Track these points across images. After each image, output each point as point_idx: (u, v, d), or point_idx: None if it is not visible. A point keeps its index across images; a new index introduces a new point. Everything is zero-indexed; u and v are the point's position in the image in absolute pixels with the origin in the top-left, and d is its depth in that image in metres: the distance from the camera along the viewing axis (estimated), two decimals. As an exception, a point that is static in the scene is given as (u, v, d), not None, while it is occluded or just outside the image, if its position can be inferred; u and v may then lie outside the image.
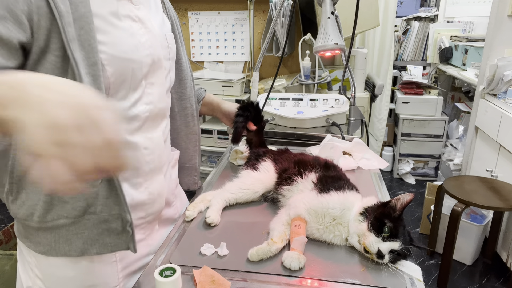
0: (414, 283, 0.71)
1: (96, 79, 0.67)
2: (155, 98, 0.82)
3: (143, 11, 0.79)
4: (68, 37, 0.63)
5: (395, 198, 0.78)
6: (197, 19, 2.72)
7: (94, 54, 0.67)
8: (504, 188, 2.05)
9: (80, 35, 0.65)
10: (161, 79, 0.84)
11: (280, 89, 2.11)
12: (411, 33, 3.66)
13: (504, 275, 2.21)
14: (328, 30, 1.21)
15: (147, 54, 0.78)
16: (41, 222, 0.73)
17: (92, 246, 0.75)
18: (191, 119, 1.01)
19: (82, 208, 0.73)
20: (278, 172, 1.00)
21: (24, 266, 0.82)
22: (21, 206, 0.73)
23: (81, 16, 0.65)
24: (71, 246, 0.74)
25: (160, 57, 0.82)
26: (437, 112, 3.27)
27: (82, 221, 0.74)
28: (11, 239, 1.96)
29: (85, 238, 0.74)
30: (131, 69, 0.74)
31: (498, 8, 2.37)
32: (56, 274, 0.77)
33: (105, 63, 0.70)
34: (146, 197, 0.84)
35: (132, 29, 0.75)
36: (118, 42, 0.72)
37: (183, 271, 0.72)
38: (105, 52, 0.69)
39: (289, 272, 0.73)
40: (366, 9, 2.02)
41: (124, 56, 0.72)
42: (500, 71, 2.28)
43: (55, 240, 0.74)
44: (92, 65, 0.66)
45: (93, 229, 0.74)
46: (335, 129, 1.50)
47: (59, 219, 0.73)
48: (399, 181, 3.46)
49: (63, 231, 0.74)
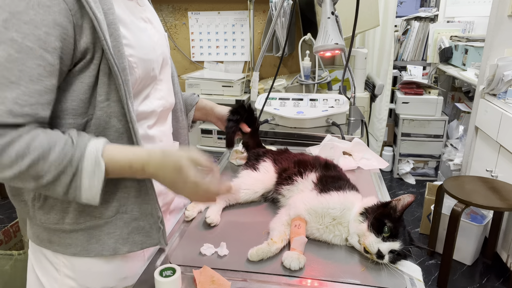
0: (414, 283, 0.71)
1: (127, 83, 0.69)
2: (165, 93, 0.87)
3: (149, 12, 0.83)
4: (108, 44, 0.65)
5: (396, 198, 0.78)
6: (197, 19, 2.72)
7: (123, 60, 0.68)
8: (504, 188, 2.05)
9: (110, 42, 0.66)
10: (167, 75, 0.89)
11: (280, 89, 2.11)
12: (411, 33, 3.66)
13: (504, 275, 2.21)
14: (328, 30, 1.21)
15: (160, 53, 0.82)
16: (73, 224, 0.74)
17: (124, 245, 0.76)
18: (180, 114, 1.03)
19: (114, 208, 0.74)
20: (278, 172, 1.00)
21: (45, 269, 0.80)
22: (50, 211, 0.74)
23: (110, 23, 0.67)
24: (103, 246, 0.75)
25: (167, 55, 0.88)
26: (437, 112, 3.27)
27: (114, 221, 0.75)
28: (11, 239, 1.96)
29: (117, 237, 0.76)
30: (152, 68, 0.78)
31: (498, 8, 2.37)
32: (91, 270, 0.78)
33: (134, 65, 0.72)
34: (163, 187, 0.85)
35: (147, 31, 0.79)
36: (141, 44, 0.75)
37: (183, 271, 0.72)
38: (133, 55, 0.72)
39: (289, 272, 0.73)
40: (366, 9, 2.02)
41: (146, 57, 0.76)
42: (500, 71, 2.28)
43: (87, 241, 0.75)
44: (122, 70, 0.68)
45: (124, 228, 0.76)
46: (335, 129, 1.50)
47: (92, 220, 0.74)
48: (399, 181, 3.46)
49: (96, 232, 0.75)
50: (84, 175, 0.64)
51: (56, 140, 0.63)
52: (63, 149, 0.63)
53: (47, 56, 0.61)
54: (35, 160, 0.61)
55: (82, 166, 0.64)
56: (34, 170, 0.61)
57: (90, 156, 0.64)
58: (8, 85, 0.59)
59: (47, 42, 0.61)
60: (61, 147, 0.63)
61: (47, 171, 0.62)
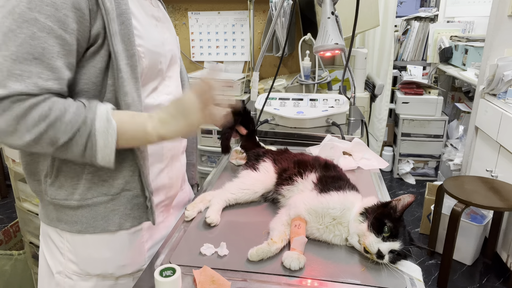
0: (414, 283, 0.71)
1: (134, 69, 0.74)
2: (173, 89, 0.90)
3: (161, 13, 0.89)
4: (111, 31, 0.70)
5: (396, 199, 0.78)
6: (197, 19, 2.72)
7: (133, 47, 0.74)
8: (504, 188, 2.05)
9: (121, 29, 0.72)
10: (176, 73, 0.94)
11: (280, 89, 2.11)
12: (411, 33, 3.66)
13: (504, 275, 2.21)
14: (328, 30, 1.22)
15: (169, 49, 0.87)
16: (81, 200, 0.78)
17: (127, 220, 0.82)
18: None
19: (121, 185, 0.80)
20: (278, 172, 1.00)
21: (52, 253, 0.85)
22: (61, 187, 0.78)
23: (122, 12, 0.72)
24: (108, 222, 0.80)
25: (176, 54, 0.93)
26: (437, 112, 3.27)
27: (119, 198, 0.80)
28: (11, 239, 1.96)
29: (121, 213, 0.81)
30: (159, 61, 0.83)
31: (498, 8, 2.37)
32: (92, 256, 0.82)
33: (142, 55, 0.77)
34: (167, 181, 0.91)
35: (157, 28, 0.84)
36: (150, 36, 0.80)
37: (183, 271, 0.72)
38: (141, 45, 0.77)
39: (289, 272, 0.73)
40: (366, 9, 2.02)
41: (155, 49, 0.81)
42: (500, 71, 2.28)
43: (93, 217, 0.80)
44: (131, 56, 0.74)
45: (127, 204, 0.81)
46: (335, 129, 1.50)
47: (99, 196, 0.79)
48: (399, 181, 3.46)
49: (101, 208, 0.80)
50: (98, 134, 0.69)
51: (70, 103, 0.68)
52: (77, 110, 0.68)
53: (66, 36, 0.66)
54: (52, 121, 0.65)
55: (95, 125, 0.68)
56: (52, 131, 0.66)
57: (101, 116, 0.69)
58: (32, 60, 0.64)
59: (66, 23, 0.66)
60: (74, 109, 0.68)
61: (63, 132, 0.66)
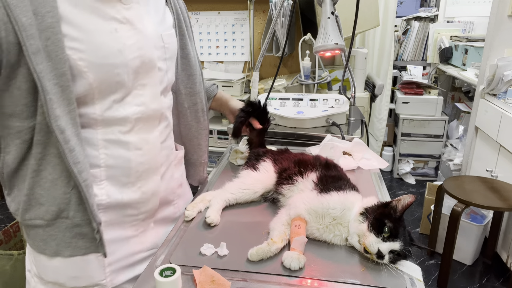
0: (414, 283, 0.71)
1: (65, 89, 0.68)
2: (147, 99, 0.81)
3: (134, 10, 0.77)
4: (30, 49, 0.63)
5: (396, 199, 0.78)
6: (197, 19, 2.72)
7: (63, 65, 0.66)
8: (504, 188, 2.05)
9: (46, 46, 0.65)
10: (154, 80, 0.83)
11: (280, 89, 2.11)
12: (411, 33, 3.66)
13: (504, 275, 2.21)
14: (328, 30, 1.21)
15: (134, 56, 0.76)
16: (22, 219, 0.78)
17: (66, 248, 0.77)
18: (202, 114, 1.01)
19: (55, 212, 0.75)
20: (278, 172, 1.00)
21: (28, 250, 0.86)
22: (13, 200, 0.78)
23: (48, 27, 0.65)
24: (46, 245, 0.78)
25: (153, 58, 0.80)
26: (437, 112, 3.27)
27: (55, 224, 0.76)
28: (11, 239, 1.96)
29: (59, 240, 0.77)
30: (116, 73, 0.74)
31: (498, 8, 2.37)
32: (44, 262, 0.81)
33: (85, 70, 0.70)
34: (139, 196, 0.84)
35: (117, 33, 0.74)
36: (97, 47, 0.71)
37: (183, 271, 0.72)
38: (83, 59, 0.69)
39: (289, 272, 0.73)
40: (366, 9, 2.02)
41: (105, 61, 0.72)
42: (500, 71, 2.28)
43: (34, 238, 0.79)
44: (60, 75, 0.67)
45: (66, 232, 0.77)
46: (335, 129, 1.50)
47: (36, 219, 0.77)
48: (399, 181, 3.46)
49: (40, 231, 0.77)
50: None
51: None
52: None
53: None
54: None
55: None
56: None
57: None
58: None
59: None
60: None
61: None
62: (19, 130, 0.71)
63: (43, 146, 0.71)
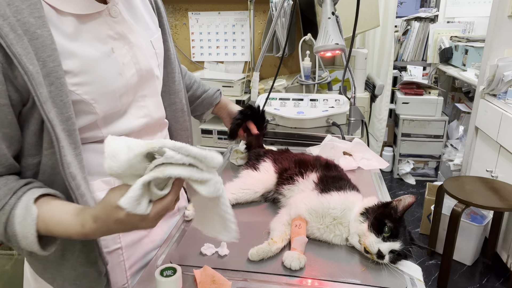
0: (415, 283, 0.71)
1: (71, 133, 0.66)
2: (150, 109, 0.82)
3: (122, 23, 0.74)
4: (41, 99, 0.61)
5: (397, 199, 0.78)
6: (197, 19, 2.72)
7: (68, 109, 0.65)
8: (504, 188, 2.05)
9: (50, 92, 0.62)
10: (153, 88, 0.82)
11: (280, 89, 2.11)
12: (411, 34, 3.66)
13: (504, 275, 2.21)
14: (328, 30, 1.22)
15: (132, 73, 0.75)
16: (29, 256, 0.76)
17: (71, 285, 0.76)
18: (181, 114, 0.97)
19: (59, 252, 0.73)
20: (279, 172, 1.00)
21: None
22: None
23: (50, 71, 0.62)
24: (53, 279, 0.76)
25: (151, 68, 0.80)
26: (437, 113, 3.27)
27: (61, 262, 0.75)
28: (11, 239, 1.96)
29: (65, 277, 0.76)
30: (118, 96, 0.73)
31: (498, 9, 2.37)
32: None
33: (92, 102, 0.69)
34: None
35: (114, 53, 0.72)
36: (100, 77, 0.69)
37: (184, 271, 0.72)
38: (89, 92, 0.68)
39: (289, 272, 0.73)
40: (366, 10, 2.02)
41: (109, 89, 0.71)
42: (500, 72, 2.28)
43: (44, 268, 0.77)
44: (66, 120, 0.65)
45: (71, 270, 0.75)
46: (335, 129, 1.50)
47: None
48: (399, 181, 3.46)
49: (49, 264, 0.76)
50: (16, 222, 0.61)
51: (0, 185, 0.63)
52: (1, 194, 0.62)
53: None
54: None
55: (14, 213, 0.61)
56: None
57: (22, 203, 0.62)
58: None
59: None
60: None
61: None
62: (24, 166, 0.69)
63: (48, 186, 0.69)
